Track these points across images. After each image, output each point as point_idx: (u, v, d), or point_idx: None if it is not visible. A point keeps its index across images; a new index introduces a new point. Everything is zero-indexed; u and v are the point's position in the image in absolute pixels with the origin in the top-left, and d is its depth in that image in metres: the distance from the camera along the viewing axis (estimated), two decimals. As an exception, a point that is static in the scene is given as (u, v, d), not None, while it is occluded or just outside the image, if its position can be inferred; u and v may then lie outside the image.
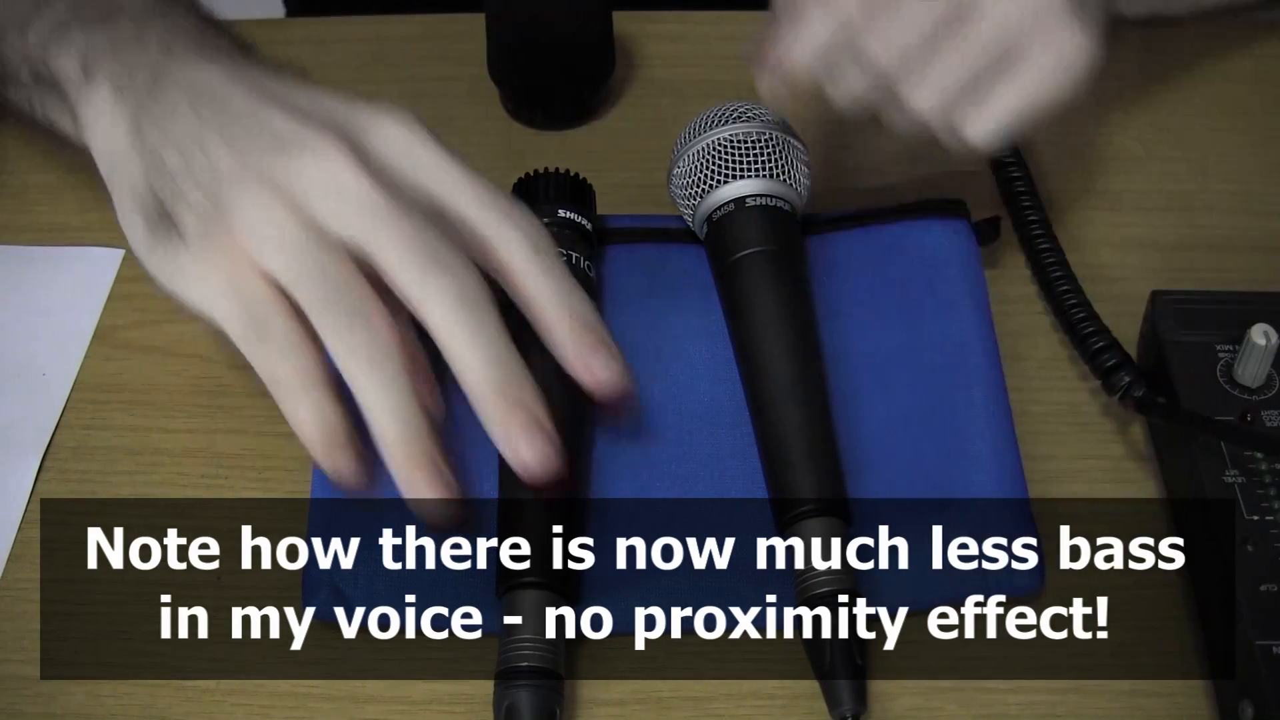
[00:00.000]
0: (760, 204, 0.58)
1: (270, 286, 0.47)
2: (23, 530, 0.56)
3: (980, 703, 0.52)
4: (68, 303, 0.63)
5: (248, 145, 0.47)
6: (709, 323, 0.59)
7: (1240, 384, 0.55)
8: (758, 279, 0.57)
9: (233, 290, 0.47)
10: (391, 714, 0.51)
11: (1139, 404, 0.56)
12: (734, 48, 0.75)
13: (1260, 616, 0.49)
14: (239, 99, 0.49)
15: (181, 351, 0.62)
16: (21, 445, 0.58)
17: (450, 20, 0.76)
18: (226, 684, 0.52)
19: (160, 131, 0.49)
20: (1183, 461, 0.55)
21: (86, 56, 0.53)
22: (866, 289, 0.60)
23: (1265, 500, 0.52)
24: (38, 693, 0.52)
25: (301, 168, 0.47)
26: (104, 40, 0.53)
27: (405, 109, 0.50)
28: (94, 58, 0.52)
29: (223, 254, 0.47)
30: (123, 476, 0.58)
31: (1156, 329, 0.57)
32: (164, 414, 0.60)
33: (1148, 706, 0.51)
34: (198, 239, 0.47)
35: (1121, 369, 0.57)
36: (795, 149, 0.59)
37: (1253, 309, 0.56)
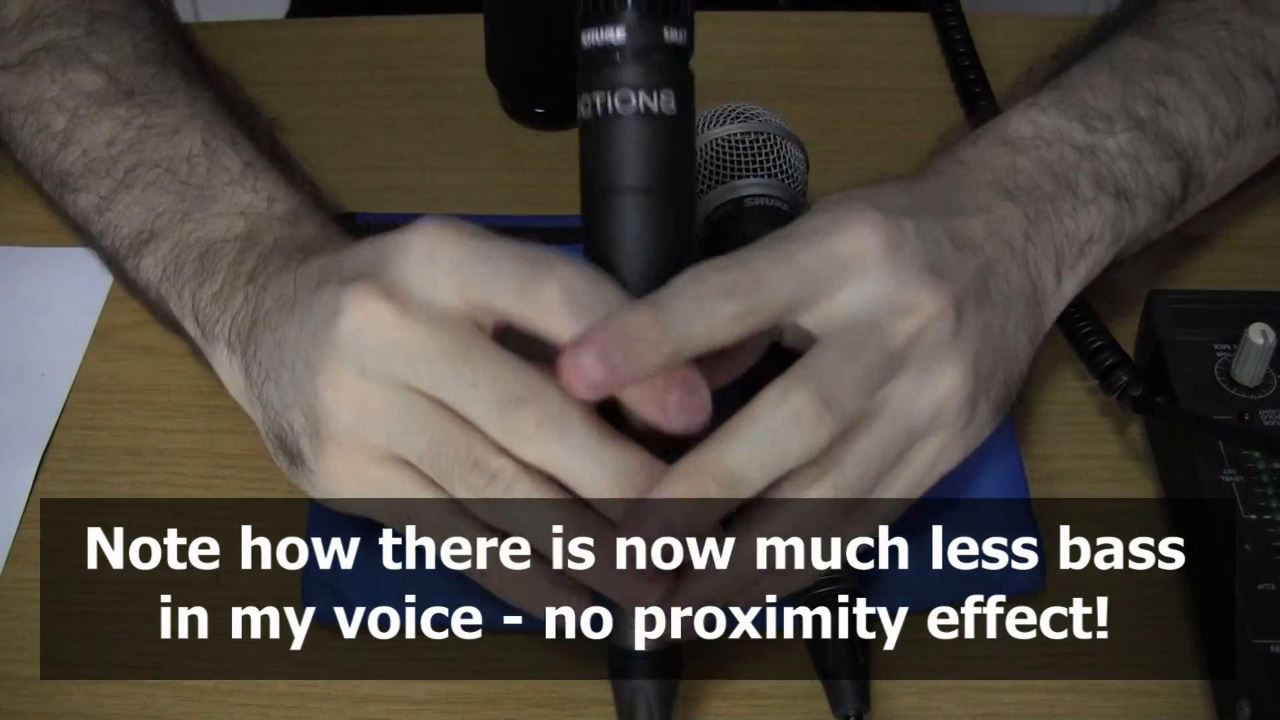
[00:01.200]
0: (759, 204, 0.58)
1: (393, 463, 0.45)
2: (22, 530, 0.56)
3: (979, 702, 0.52)
4: (67, 303, 0.63)
5: (310, 344, 0.46)
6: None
7: (1238, 383, 0.55)
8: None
9: (363, 489, 0.46)
10: (391, 714, 0.51)
11: (1136, 403, 0.56)
12: (733, 48, 0.75)
13: (1258, 616, 0.49)
14: (301, 305, 0.47)
15: (181, 352, 0.61)
16: (21, 445, 0.58)
17: (450, 20, 0.76)
18: (226, 684, 0.52)
19: (263, 373, 0.48)
20: (1181, 461, 0.55)
21: (197, 310, 0.53)
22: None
23: (1263, 500, 0.52)
24: (37, 693, 0.52)
25: (343, 330, 0.44)
26: (208, 294, 0.52)
27: (436, 220, 0.45)
28: (204, 311, 0.52)
29: (335, 459, 0.46)
30: (122, 476, 0.58)
31: (1154, 328, 0.57)
32: (163, 414, 0.60)
33: (1146, 706, 0.51)
34: (314, 458, 0.46)
35: (1119, 368, 0.57)
36: (793, 149, 0.59)
37: (1250, 308, 0.56)
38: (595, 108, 0.45)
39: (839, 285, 0.45)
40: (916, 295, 0.45)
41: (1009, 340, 0.49)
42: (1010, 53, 0.73)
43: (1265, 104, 0.58)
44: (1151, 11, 0.60)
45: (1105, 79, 0.56)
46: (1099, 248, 0.53)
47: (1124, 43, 0.58)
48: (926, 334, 0.45)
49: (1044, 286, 0.51)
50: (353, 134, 0.71)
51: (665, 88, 0.45)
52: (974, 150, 0.54)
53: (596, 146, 0.46)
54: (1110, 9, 0.66)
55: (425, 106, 0.72)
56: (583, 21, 0.45)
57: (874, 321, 0.45)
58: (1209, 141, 0.56)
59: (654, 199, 0.45)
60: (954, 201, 0.50)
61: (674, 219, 0.46)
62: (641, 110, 0.45)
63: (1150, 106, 0.55)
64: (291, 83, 0.73)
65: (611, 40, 0.45)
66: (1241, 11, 0.59)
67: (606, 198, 0.45)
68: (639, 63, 0.45)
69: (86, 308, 0.63)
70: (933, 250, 0.47)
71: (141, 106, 0.58)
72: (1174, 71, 0.56)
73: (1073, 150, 0.53)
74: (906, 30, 0.76)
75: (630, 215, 0.45)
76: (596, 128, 0.45)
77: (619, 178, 0.45)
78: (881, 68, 0.74)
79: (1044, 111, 0.54)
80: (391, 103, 0.72)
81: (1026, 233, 0.51)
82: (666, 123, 0.45)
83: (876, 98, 0.73)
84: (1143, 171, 0.54)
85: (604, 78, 0.45)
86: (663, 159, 0.45)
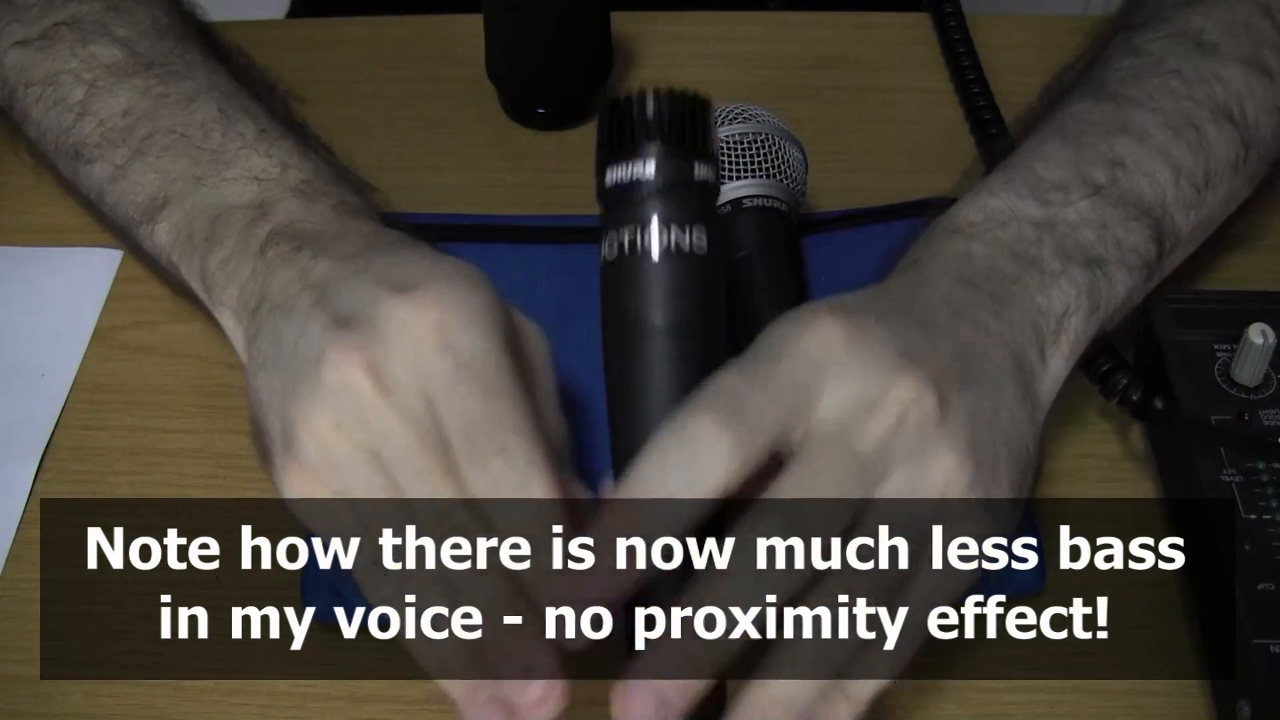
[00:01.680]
0: (758, 204, 0.58)
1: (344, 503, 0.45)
2: (22, 530, 0.56)
3: (980, 702, 0.52)
4: (67, 303, 0.63)
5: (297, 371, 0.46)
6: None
7: (1238, 383, 0.55)
8: (755, 279, 0.57)
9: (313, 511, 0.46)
10: (391, 714, 0.51)
11: (1136, 409, 0.56)
12: (732, 48, 0.75)
13: (1258, 616, 0.49)
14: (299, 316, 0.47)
15: (180, 352, 0.62)
16: (21, 445, 0.58)
17: (450, 20, 0.76)
18: (226, 684, 0.52)
19: (261, 359, 0.48)
20: (1181, 462, 0.55)
21: (205, 275, 0.53)
22: (865, 289, 0.60)
23: (1263, 500, 0.52)
24: (37, 693, 0.52)
25: (325, 381, 0.44)
26: (216, 260, 0.52)
27: (442, 301, 0.44)
28: (212, 276, 0.52)
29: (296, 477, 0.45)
30: (122, 476, 0.58)
31: (1154, 328, 0.57)
32: (163, 414, 0.60)
33: (1146, 705, 0.51)
34: (280, 466, 0.46)
35: (1117, 372, 0.57)
36: (792, 149, 0.59)
37: (1250, 308, 0.56)
38: (623, 246, 0.43)
39: (815, 396, 0.43)
40: (888, 386, 0.43)
41: (1005, 419, 0.46)
42: (1010, 53, 0.73)
43: (1230, 148, 0.56)
44: (1099, 70, 0.58)
45: (1056, 148, 0.54)
46: (1077, 319, 0.50)
47: (1073, 107, 0.56)
48: (907, 423, 0.43)
49: (1029, 365, 0.49)
50: (353, 134, 0.70)
51: (698, 224, 0.43)
52: (926, 248, 0.51)
53: (626, 285, 0.43)
54: (1110, 11, 0.65)
55: (425, 106, 0.72)
56: (608, 157, 0.44)
57: (845, 429, 0.43)
58: (1177, 195, 0.54)
59: (687, 339, 0.43)
60: (915, 295, 0.48)
61: (709, 359, 0.44)
62: (673, 248, 0.43)
63: (1107, 170, 0.53)
64: (291, 83, 0.73)
65: (641, 176, 0.43)
66: (1193, 58, 0.57)
67: (637, 339, 0.43)
68: (671, 199, 0.43)
69: (86, 308, 0.63)
70: (902, 336, 0.45)
71: (160, 77, 0.58)
72: (1130, 130, 0.54)
73: (1030, 227, 0.51)
74: (906, 30, 0.76)
75: (662, 356, 0.43)
76: (625, 266, 0.43)
77: (652, 317, 0.43)
78: (881, 68, 0.74)
79: (993, 195, 0.52)
80: (391, 103, 0.72)
81: (996, 313, 0.48)
82: (699, 260, 0.44)
83: (876, 98, 0.73)
84: (1110, 236, 0.52)
85: (633, 214, 0.43)
86: (695, 298, 0.44)
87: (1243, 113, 0.56)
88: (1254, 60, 0.57)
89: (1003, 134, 0.68)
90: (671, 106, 0.43)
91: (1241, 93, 0.56)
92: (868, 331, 0.44)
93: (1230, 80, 0.56)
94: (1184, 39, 0.57)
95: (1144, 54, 0.57)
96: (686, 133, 0.43)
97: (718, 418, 0.42)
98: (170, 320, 0.62)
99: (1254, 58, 0.57)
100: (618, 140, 0.44)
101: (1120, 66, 0.57)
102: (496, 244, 0.62)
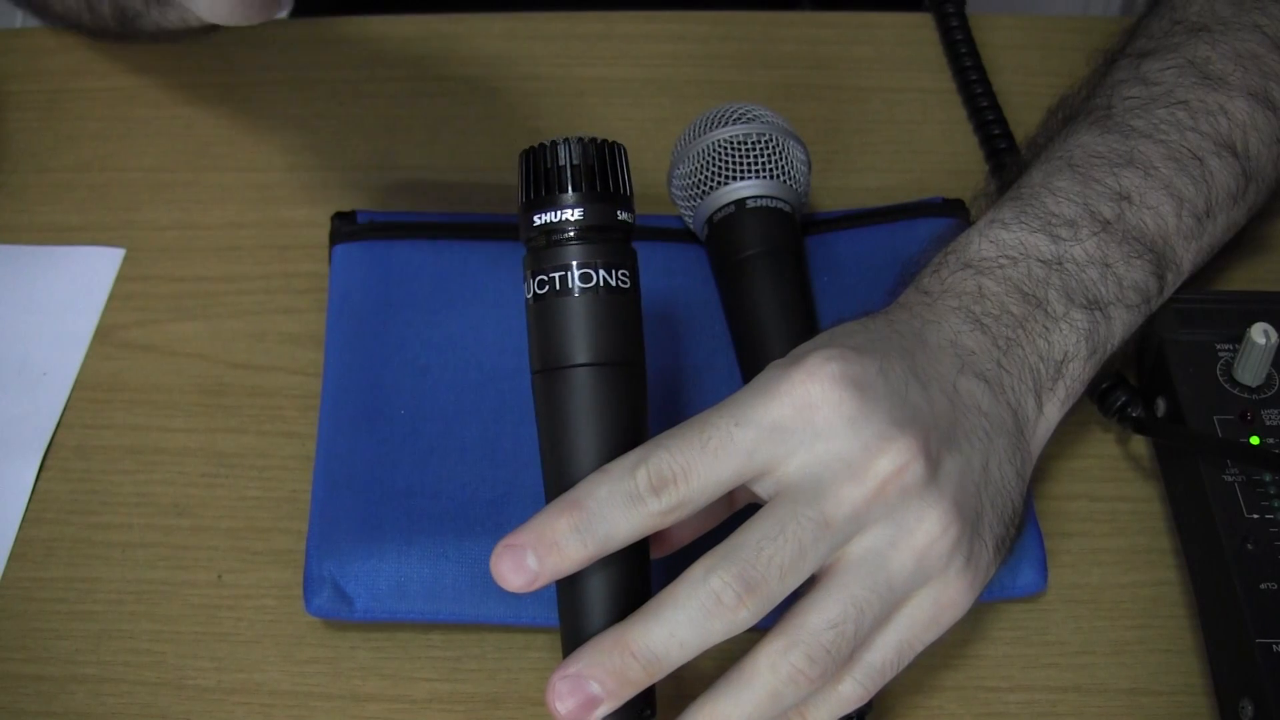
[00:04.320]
0: (761, 205, 0.58)
1: None
2: (23, 529, 0.56)
3: (982, 702, 0.52)
4: (68, 302, 0.63)
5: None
6: (710, 324, 0.59)
7: (1240, 383, 0.55)
8: (758, 280, 0.57)
9: None
10: (391, 714, 0.51)
11: (1137, 425, 0.56)
12: (734, 48, 0.75)
13: (1261, 615, 0.49)
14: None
15: (181, 351, 0.62)
16: (22, 444, 0.58)
17: (450, 20, 0.76)
18: (226, 684, 0.52)
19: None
20: (1183, 461, 0.55)
21: None
22: (866, 289, 0.60)
23: (1265, 499, 0.52)
24: (38, 692, 0.52)
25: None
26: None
27: None
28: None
29: None
30: (123, 476, 0.58)
31: (1156, 328, 0.57)
32: (164, 413, 0.60)
33: (1148, 705, 0.51)
34: None
35: (1116, 389, 0.57)
36: (795, 150, 0.59)
37: (1252, 308, 0.57)
38: (550, 283, 0.45)
39: (792, 450, 0.44)
40: (875, 454, 0.44)
41: (993, 476, 0.48)
42: (1012, 53, 0.73)
43: (1232, 180, 0.57)
44: (1107, 97, 0.59)
45: (1066, 182, 0.55)
46: (1075, 364, 0.51)
47: (1081, 138, 0.57)
48: (889, 489, 0.44)
49: (1025, 414, 0.50)
50: (353, 134, 0.71)
51: (622, 266, 0.46)
52: (937, 279, 0.52)
53: (551, 323, 0.45)
54: (1109, 12, 0.65)
55: (425, 106, 0.72)
56: (533, 204, 0.46)
57: (819, 488, 0.44)
58: (1178, 227, 0.55)
59: (614, 373, 0.45)
60: (922, 339, 0.49)
61: (636, 391, 0.46)
62: (600, 285, 0.45)
63: (1115, 204, 0.54)
64: (292, 82, 0.73)
65: (569, 219, 0.45)
66: (1199, 89, 0.58)
67: (563, 375, 0.45)
68: (595, 240, 0.45)
69: (87, 307, 0.63)
70: (898, 393, 0.45)
71: None
72: (1135, 162, 0.55)
73: (1039, 265, 0.52)
74: (908, 30, 0.76)
75: (590, 390, 0.45)
76: (551, 304, 0.45)
77: (577, 354, 0.45)
78: (883, 68, 0.74)
79: (1005, 227, 0.53)
80: (391, 103, 0.72)
81: (998, 361, 0.49)
82: (623, 297, 0.46)
83: (878, 98, 0.73)
84: (1112, 275, 0.53)
85: (557, 255, 0.45)
86: (622, 332, 0.46)
87: (1245, 146, 0.57)
88: (1259, 93, 0.58)
89: (1006, 136, 0.68)
90: (584, 155, 0.46)
91: (1246, 125, 0.57)
92: (866, 391, 0.45)
93: (1235, 113, 0.57)
94: (1191, 70, 0.59)
95: (1152, 84, 0.58)
96: (608, 177, 0.46)
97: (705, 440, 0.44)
98: (171, 319, 0.62)
99: (1259, 90, 0.58)
100: (545, 187, 0.46)
101: (1129, 96, 0.58)
102: (496, 243, 0.62)
